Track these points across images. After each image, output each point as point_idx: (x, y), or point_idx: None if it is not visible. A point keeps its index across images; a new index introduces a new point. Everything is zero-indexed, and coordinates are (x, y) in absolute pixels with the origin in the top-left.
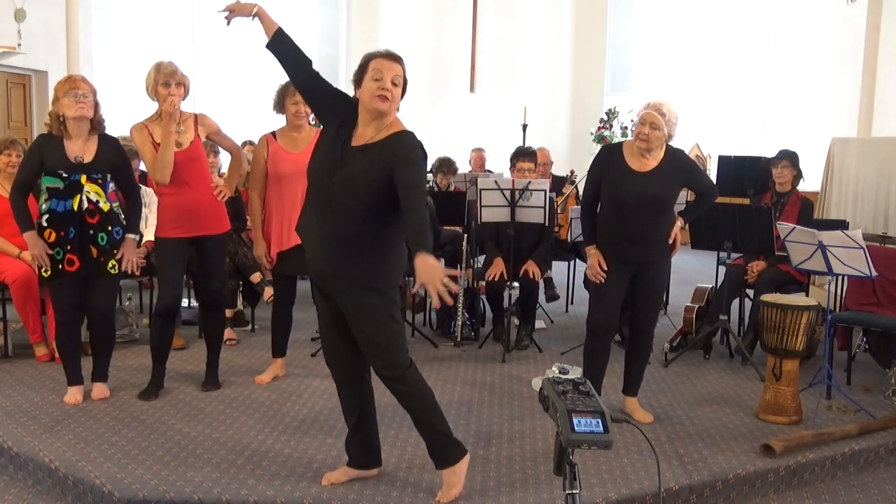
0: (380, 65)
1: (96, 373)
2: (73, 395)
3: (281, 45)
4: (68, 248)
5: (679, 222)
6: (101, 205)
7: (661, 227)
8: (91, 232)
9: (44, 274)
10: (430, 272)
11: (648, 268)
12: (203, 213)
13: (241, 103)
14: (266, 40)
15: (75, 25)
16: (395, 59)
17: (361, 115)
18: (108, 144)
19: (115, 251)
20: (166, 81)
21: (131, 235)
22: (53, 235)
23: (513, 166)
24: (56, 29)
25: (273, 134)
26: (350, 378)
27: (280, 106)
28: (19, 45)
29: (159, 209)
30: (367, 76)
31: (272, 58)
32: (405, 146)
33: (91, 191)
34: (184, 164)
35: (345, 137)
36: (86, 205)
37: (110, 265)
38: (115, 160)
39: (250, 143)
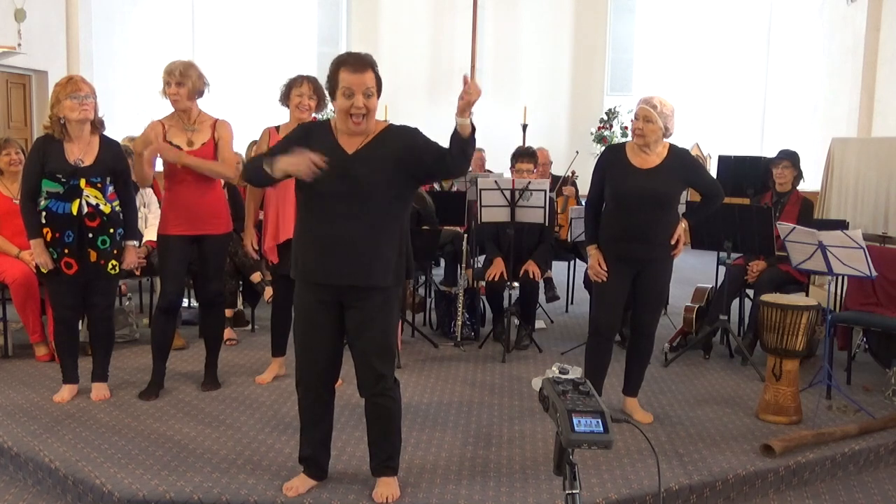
0: (348, 81)
1: (96, 373)
2: (62, 393)
3: None
4: (66, 251)
5: (683, 223)
6: (102, 207)
7: (663, 225)
8: (91, 236)
9: (42, 270)
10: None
11: (650, 267)
12: (207, 213)
13: (241, 103)
14: None
15: (75, 25)
16: (362, 68)
17: (341, 126)
18: (110, 148)
19: (116, 251)
20: (167, 81)
21: (132, 243)
22: (50, 235)
23: (512, 167)
24: (56, 29)
25: (276, 128)
26: (329, 394)
27: (286, 98)
28: (19, 45)
29: (164, 206)
30: (339, 91)
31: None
32: (401, 131)
33: (90, 195)
34: None
35: (332, 146)
36: (85, 209)
37: (110, 266)
38: (114, 165)
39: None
